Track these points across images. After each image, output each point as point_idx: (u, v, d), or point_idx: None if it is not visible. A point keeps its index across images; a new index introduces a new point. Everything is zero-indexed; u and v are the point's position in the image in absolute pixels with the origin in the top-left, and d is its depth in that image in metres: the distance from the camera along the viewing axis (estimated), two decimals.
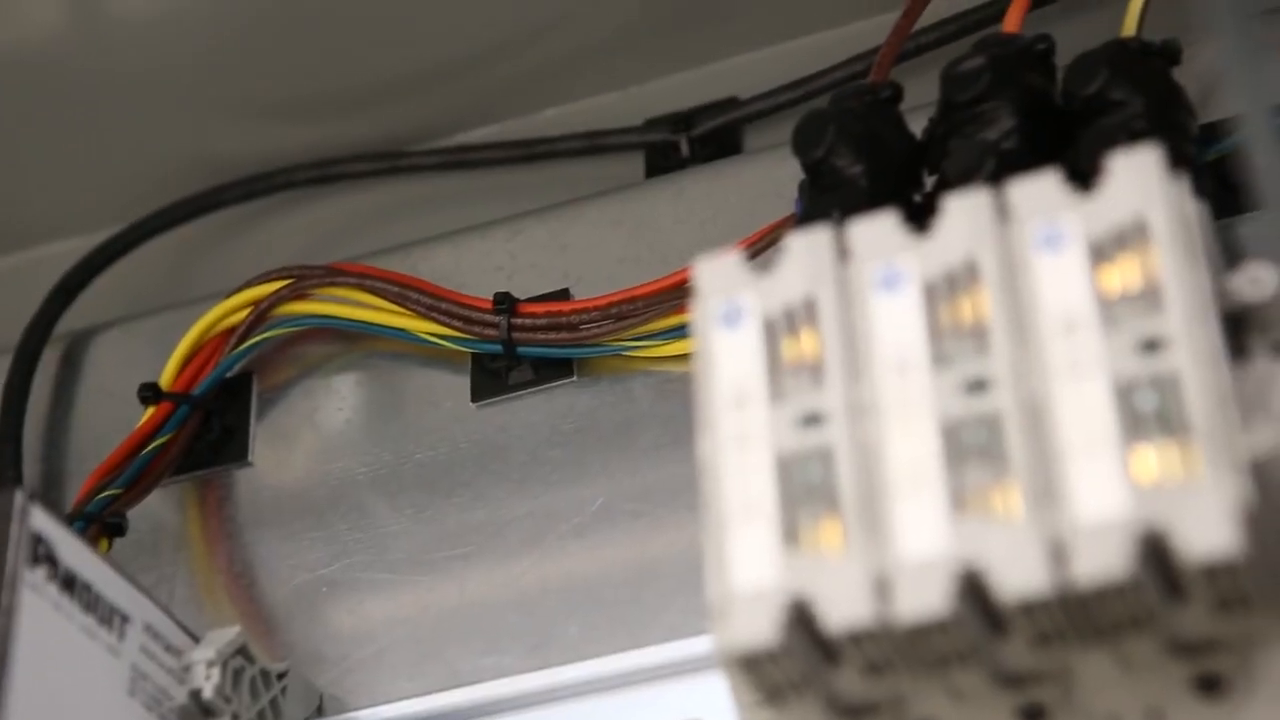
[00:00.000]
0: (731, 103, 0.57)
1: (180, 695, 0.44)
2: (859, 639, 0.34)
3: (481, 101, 0.61)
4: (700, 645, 0.44)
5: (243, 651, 0.46)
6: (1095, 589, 0.33)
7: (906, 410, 0.36)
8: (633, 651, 0.47)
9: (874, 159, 0.44)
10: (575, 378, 0.52)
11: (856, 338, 0.37)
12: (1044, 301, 0.36)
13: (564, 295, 0.53)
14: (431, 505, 0.51)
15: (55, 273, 0.59)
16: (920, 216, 0.38)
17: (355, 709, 0.49)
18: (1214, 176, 0.44)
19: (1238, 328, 0.37)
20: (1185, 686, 0.36)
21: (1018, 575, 0.34)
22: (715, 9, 0.58)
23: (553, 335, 0.51)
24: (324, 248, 0.59)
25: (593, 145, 0.58)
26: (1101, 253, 0.36)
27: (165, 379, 0.53)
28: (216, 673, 0.44)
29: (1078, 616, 0.34)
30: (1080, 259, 0.36)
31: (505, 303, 0.51)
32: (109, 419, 0.55)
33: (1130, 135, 0.42)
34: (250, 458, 0.54)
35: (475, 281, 0.53)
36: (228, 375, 0.54)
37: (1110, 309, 0.35)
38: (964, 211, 0.37)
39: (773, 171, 0.51)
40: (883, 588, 0.34)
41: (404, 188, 0.61)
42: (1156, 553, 0.33)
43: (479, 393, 0.52)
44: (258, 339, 0.53)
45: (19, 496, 0.42)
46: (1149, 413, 0.34)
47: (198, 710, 0.44)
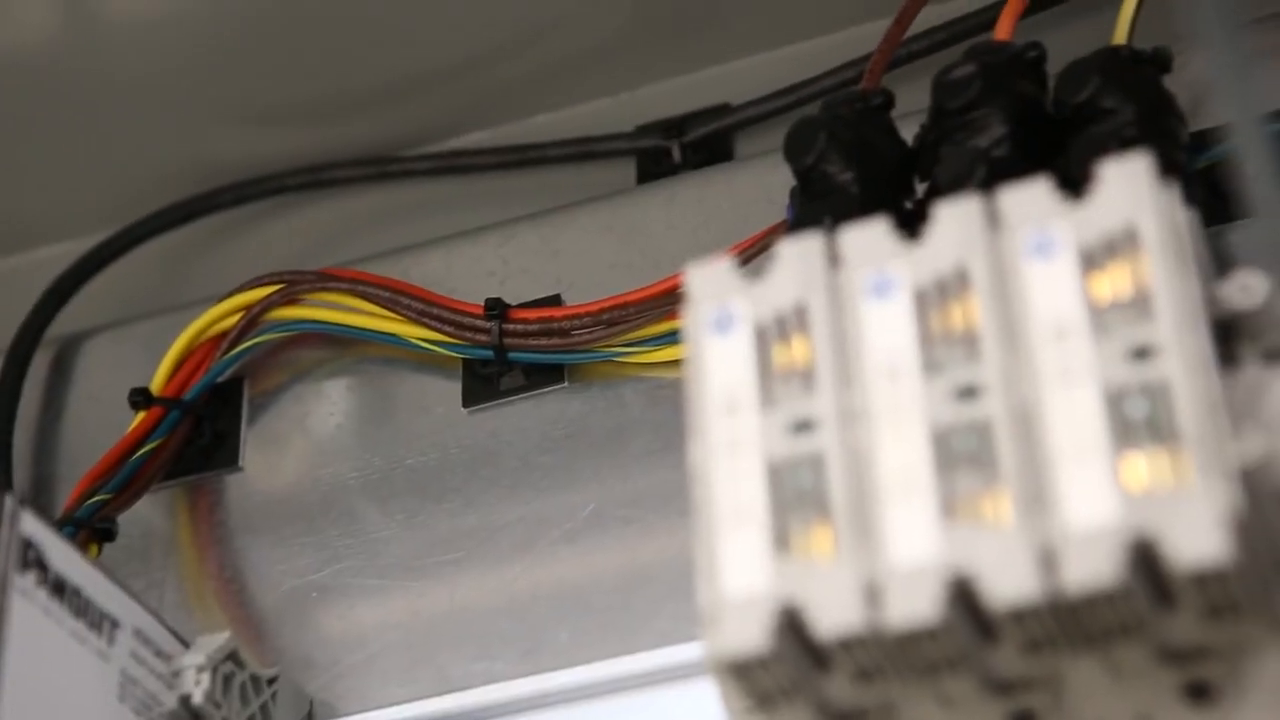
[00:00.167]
0: (723, 109, 0.57)
1: (170, 700, 0.44)
2: (849, 645, 0.34)
3: (473, 107, 0.60)
4: (691, 651, 0.44)
5: (233, 657, 0.46)
6: (1085, 596, 0.33)
7: (897, 417, 0.36)
8: (624, 657, 0.47)
9: (865, 166, 0.44)
10: (566, 383, 0.52)
11: (847, 344, 0.37)
12: (1035, 309, 0.36)
13: (555, 301, 0.53)
14: (422, 511, 0.51)
15: (47, 276, 0.59)
16: (911, 223, 0.38)
17: (345, 715, 0.48)
18: (1204, 184, 0.44)
19: (1228, 335, 0.37)
20: (1175, 693, 0.36)
21: (1008, 582, 0.34)
22: (707, 15, 0.58)
23: (544, 341, 0.51)
24: (316, 253, 0.59)
25: (584, 151, 0.58)
26: (1092, 260, 0.36)
27: (156, 384, 0.53)
28: (206, 678, 0.44)
29: (1068, 623, 0.34)
30: (1071, 266, 0.36)
31: (497, 308, 0.51)
32: (100, 423, 0.55)
33: (1121, 143, 0.42)
34: (241, 463, 0.54)
35: (467, 287, 0.53)
36: (219, 380, 0.54)
37: (1101, 316, 0.35)
38: (955, 218, 0.37)
39: (764, 178, 0.51)
40: (873, 594, 0.34)
41: (396, 193, 0.61)
42: (1146, 560, 0.33)
43: (470, 398, 0.52)
44: (249, 344, 0.53)
45: (9, 501, 0.42)
46: (1139, 420, 0.34)
47: (187, 715, 0.44)
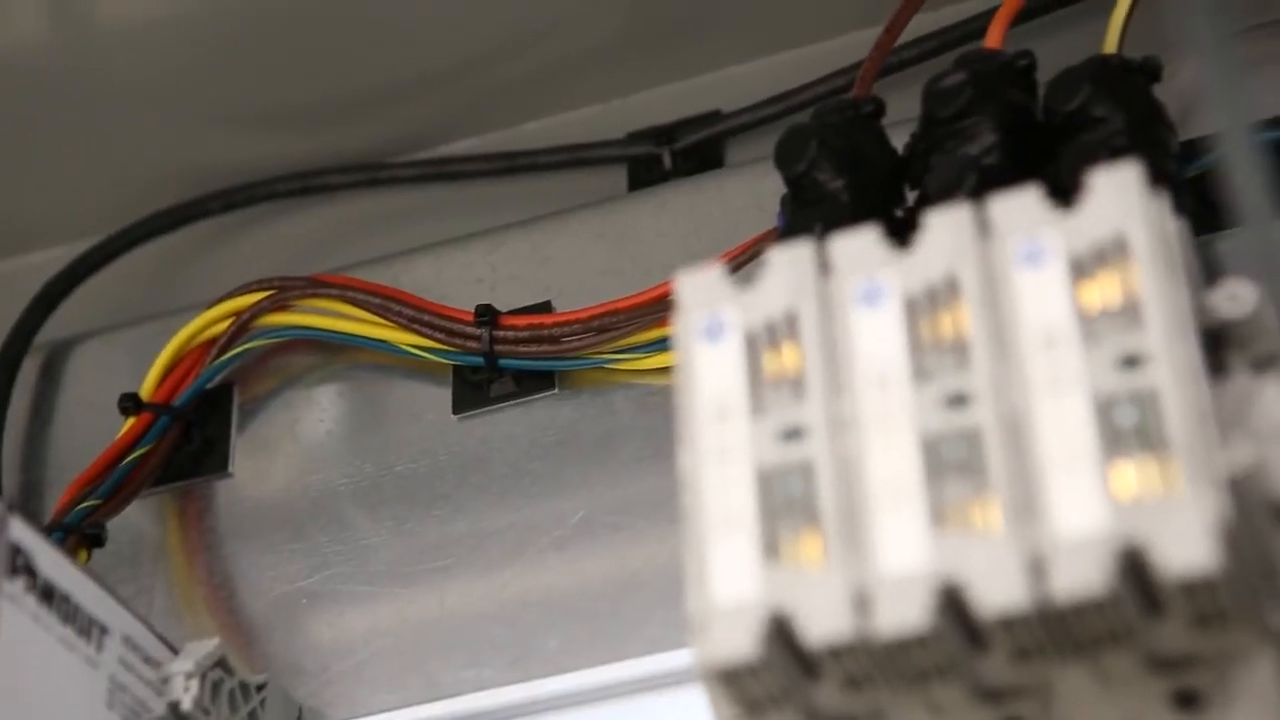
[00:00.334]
0: (714, 116, 0.57)
1: (159, 707, 0.44)
2: (839, 653, 0.34)
3: (464, 114, 0.61)
4: (680, 658, 0.44)
5: (222, 663, 0.45)
6: (1074, 604, 0.33)
7: (887, 425, 0.36)
8: (613, 664, 0.47)
9: (856, 174, 0.44)
10: (556, 390, 0.52)
11: (837, 352, 0.37)
12: (1024, 317, 0.36)
13: (546, 308, 0.53)
14: (412, 517, 0.51)
15: (36, 282, 0.59)
16: (902, 231, 0.38)
17: None
18: (1194, 193, 0.44)
19: (1217, 344, 0.37)
20: (1163, 701, 0.36)
21: (997, 590, 0.34)
22: (698, 23, 0.58)
23: (534, 348, 0.51)
24: (306, 259, 0.59)
25: (575, 158, 0.58)
26: (1082, 269, 0.36)
27: (146, 389, 0.53)
28: (195, 684, 0.44)
29: (1057, 631, 0.34)
30: (1061, 275, 0.36)
31: (487, 315, 0.51)
32: (89, 429, 0.55)
33: (1111, 152, 0.42)
34: (230, 469, 0.54)
35: (457, 293, 0.53)
36: (208, 386, 0.54)
37: (1090, 325, 0.35)
38: (945, 227, 0.37)
39: (755, 185, 0.51)
40: (862, 602, 0.34)
41: (386, 199, 0.61)
42: (1135, 568, 0.33)
43: (460, 405, 0.52)
44: (239, 350, 0.53)
45: None
46: (1128, 428, 0.34)
47: None
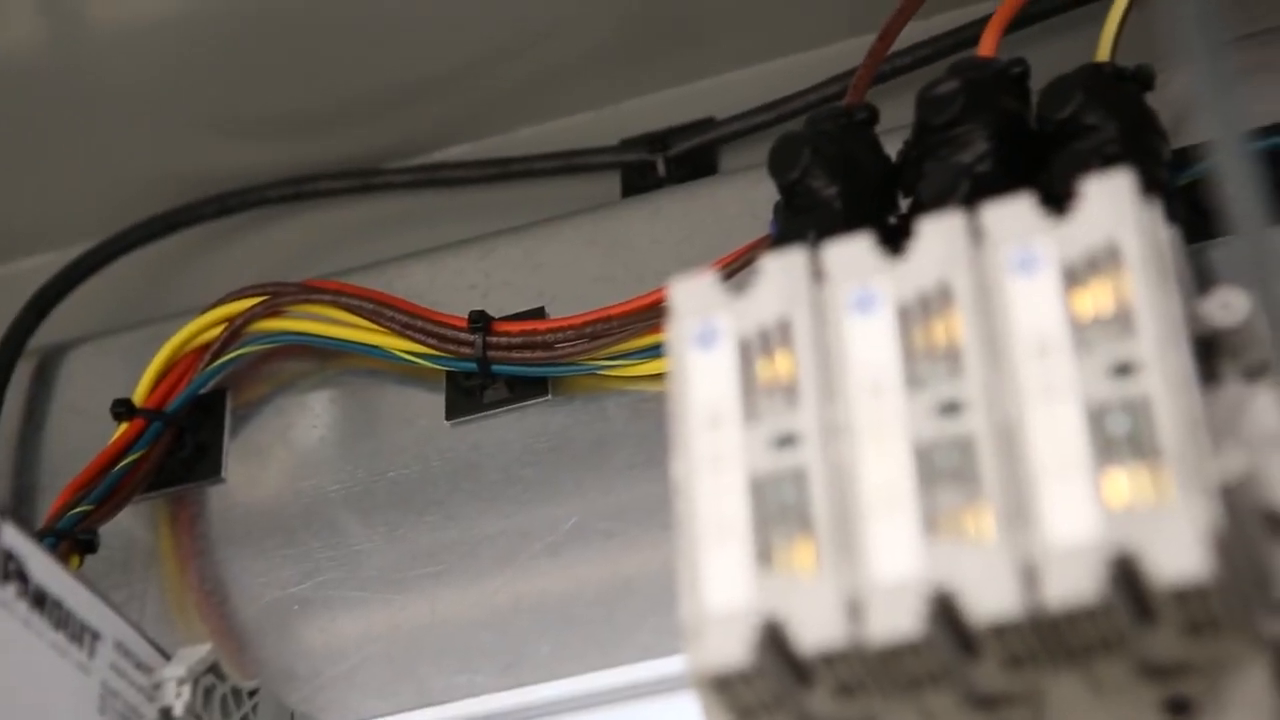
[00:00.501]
0: (708, 123, 0.57)
1: (151, 713, 0.44)
2: (831, 660, 0.34)
3: (457, 120, 0.61)
4: (673, 665, 0.44)
5: (214, 669, 0.45)
6: (1066, 612, 0.33)
7: (880, 432, 0.36)
8: (605, 671, 0.47)
9: (849, 181, 0.44)
10: (550, 396, 0.52)
11: (831, 359, 0.37)
12: (1017, 324, 0.36)
13: (539, 314, 0.53)
14: (404, 523, 0.51)
15: (29, 287, 0.59)
16: (895, 239, 0.38)
17: None
18: (1186, 201, 0.44)
19: (1209, 352, 0.37)
20: (1155, 709, 0.36)
21: (989, 598, 0.34)
22: (691, 30, 0.58)
23: (528, 354, 0.51)
24: (299, 265, 0.59)
25: (568, 164, 0.58)
26: (1074, 276, 0.36)
27: (138, 395, 0.53)
28: (187, 690, 0.44)
29: (1049, 639, 0.34)
30: (1053, 282, 0.36)
31: (480, 321, 0.51)
32: (81, 435, 0.55)
33: (1103, 160, 0.42)
34: (223, 474, 0.54)
35: (450, 299, 0.53)
36: (201, 392, 0.54)
37: (1083, 332, 0.35)
38: (938, 234, 0.37)
39: (748, 192, 0.52)
40: (855, 609, 0.34)
41: (379, 205, 0.61)
42: (1127, 576, 0.33)
43: (453, 411, 0.52)
44: (232, 355, 0.53)
45: None
46: (1121, 436, 0.34)
47: None
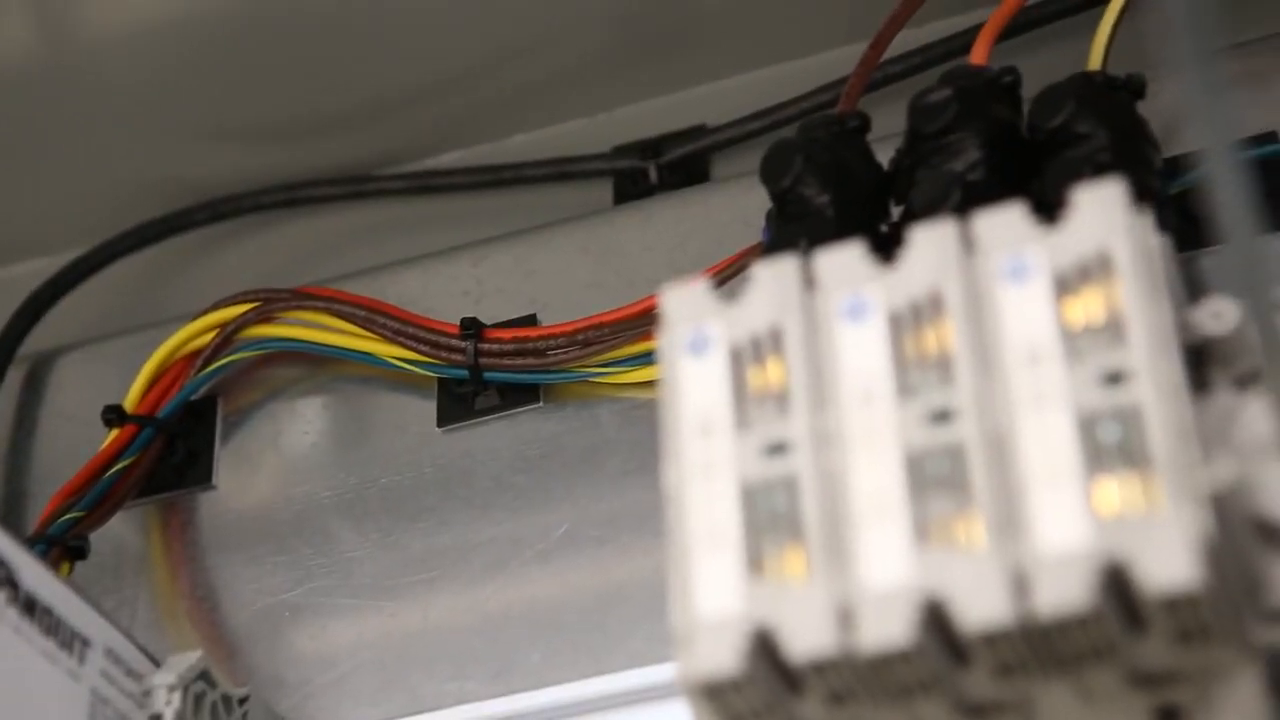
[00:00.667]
0: (700, 130, 0.57)
1: None
2: (822, 668, 0.34)
3: (450, 126, 0.61)
4: (663, 673, 0.44)
5: (204, 676, 0.45)
6: (1057, 620, 0.33)
7: (871, 440, 0.36)
8: (596, 678, 0.47)
9: (841, 189, 0.44)
10: (541, 403, 0.52)
11: (822, 367, 0.37)
12: (1008, 333, 0.36)
13: (531, 321, 0.53)
14: (396, 530, 0.51)
15: (21, 292, 0.59)
16: (886, 247, 0.38)
17: None
18: (1177, 210, 0.44)
19: (1200, 361, 0.37)
20: (1146, 717, 0.36)
21: (980, 606, 0.34)
22: (684, 37, 0.58)
23: (519, 361, 0.51)
24: (291, 271, 0.59)
25: (561, 171, 0.58)
26: (1066, 285, 0.36)
27: (130, 401, 0.53)
28: (177, 697, 0.44)
29: (1040, 647, 0.34)
30: (1045, 291, 0.36)
31: (472, 328, 0.51)
32: (72, 441, 0.55)
33: (1095, 168, 0.42)
34: (214, 481, 0.54)
35: (442, 306, 0.53)
36: (193, 398, 0.54)
37: (1074, 341, 0.35)
38: (930, 242, 0.37)
39: (740, 200, 0.52)
40: (846, 617, 0.34)
41: (372, 212, 0.61)
42: (1118, 584, 0.33)
43: (445, 417, 0.52)
44: (223, 362, 0.53)
45: None
46: (1111, 445, 0.34)
47: None
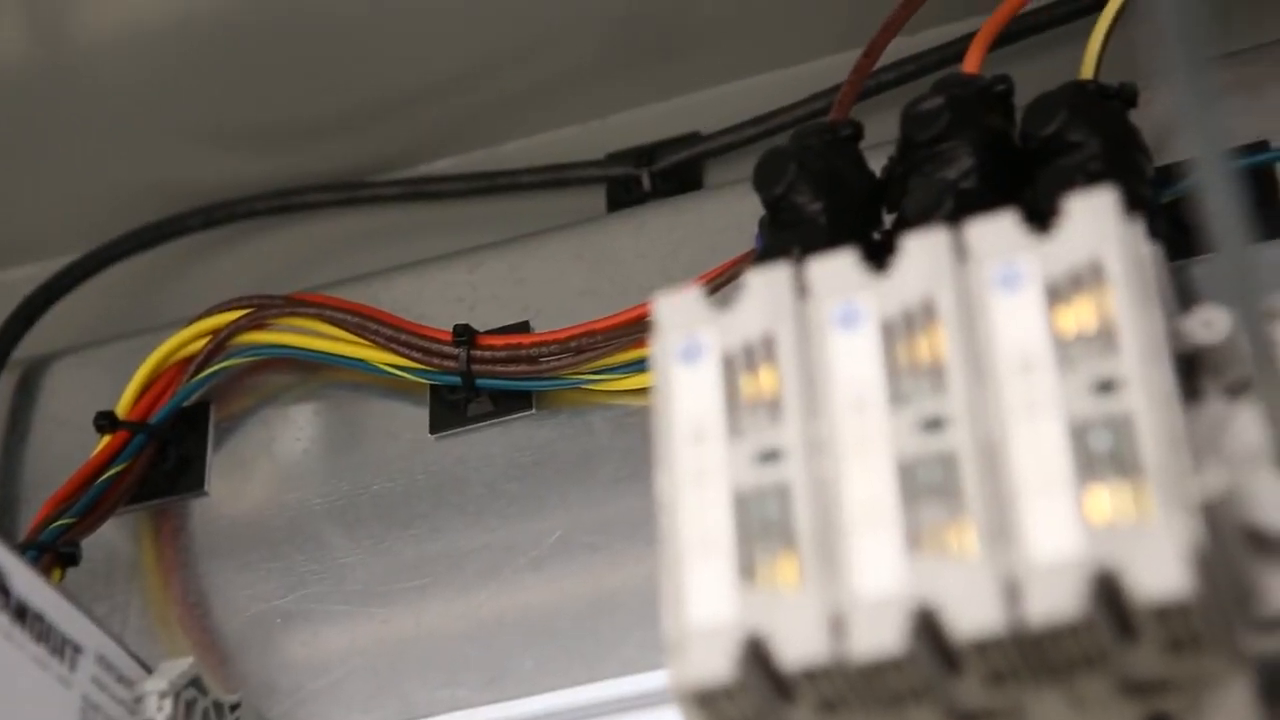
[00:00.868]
0: (693, 138, 0.57)
1: None
2: (814, 676, 0.35)
3: (443, 133, 0.61)
4: (656, 680, 0.44)
5: (195, 683, 0.45)
6: (1048, 628, 0.33)
7: (863, 448, 0.36)
8: (589, 685, 0.47)
9: (834, 196, 0.44)
10: (534, 410, 0.52)
11: (814, 375, 0.37)
12: (1001, 341, 0.36)
13: (524, 328, 0.53)
14: (388, 536, 0.51)
15: (14, 298, 0.59)
16: (879, 255, 0.38)
17: None
18: (1169, 219, 0.44)
19: (1191, 370, 0.37)
20: None
21: (972, 614, 0.34)
22: (677, 44, 0.59)
23: (512, 368, 0.51)
24: (284, 277, 0.59)
25: (554, 178, 0.58)
26: (1058, 293, 0.36)
27: (122, 407, 0.53)
28: (169, 704, 0.44)
29: (1031, 655, 0.34)
30: (1037, 299, 0.36)
31: (465, 335, 0.51)
32: (64, 447, 0.55)
33: (1087, 176, 0.42)
34: (206, 487, 0.54)
35: (435, 313, 0.53)
36: (185, 404, 0.54)
37: (1066, 349, 0.36)
38: (922, 250, 0.37)
39: (733, 207, 0.52)
40: (838, 625, 0.34)
41: (365, 218, 0.61)
42: (1109, 593, 0.33)
43: (438, 424, 0.52)
44: (216, 368, 0.53)
45: None
46: (1103, 453, 0.34)
47: None
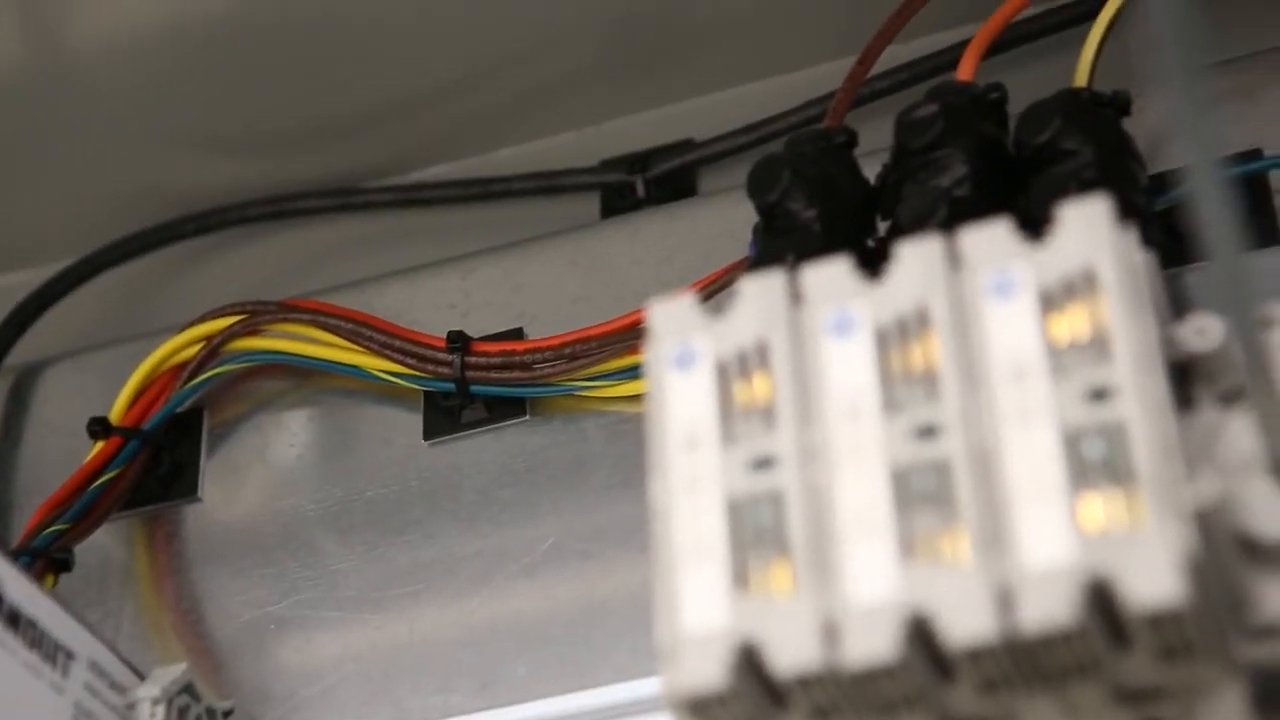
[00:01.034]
0: (687, 145, 0.57)
1: None
2: (807, 683, 0.34)
3: (437, 139, 0.61)
4: (649, 687, 0.44)
5: (188, 689, 0.45)
6: (1041, 636, 0.33)
7: (857, 455, 0.36)
8: (581, 692, 0.47)
9: (828, 204, 0.44)
10: (528, 417, 0.52)
11: (808, 382, 0.37)
12: (994, 349, 0.36)
13: (518, 334, 0.53)
14: (382, 543, 0.51)
15: (6, 304, 0.59)
16: (873, 262, 0.38)
17: None
18: (1162, 226, 0.44)
19: (1184, 377, 0.37)
20: None
21: (965, 622, 0.34)
22: (672, 51, 0.59)
23: (506, 374, 0.51)
24: (278, 283, 0.59)
25: (548, 185, 0.58)
26: (1051, 301, 0.36)
27: (115, 413, 0.53)
28: (161, 710, 0.44)
29: (1024, 663, 0.34)
30: (1030, 307, 0.36)
31: (459, 341, 0.51)
32: (57, 453, 0.55)
33: (1080, 184, 0.42)
34: (200, 493, 0.54)
35: (429, 319, 0.53)
36: (179, 410, 0.53)
37: (1059, 357, 0.36)
38: (916, 258, 0.37)
39: (728, 214, 0.52)
40: (831, 632, 0.34)
41: (359, 224, 0.61)
42: (1102, 601, 0.33)
43: (431, 431, 0.52)
44: (210, 374, 0.53)
45: None
46: (1096, 461, 0.34)
47: None
